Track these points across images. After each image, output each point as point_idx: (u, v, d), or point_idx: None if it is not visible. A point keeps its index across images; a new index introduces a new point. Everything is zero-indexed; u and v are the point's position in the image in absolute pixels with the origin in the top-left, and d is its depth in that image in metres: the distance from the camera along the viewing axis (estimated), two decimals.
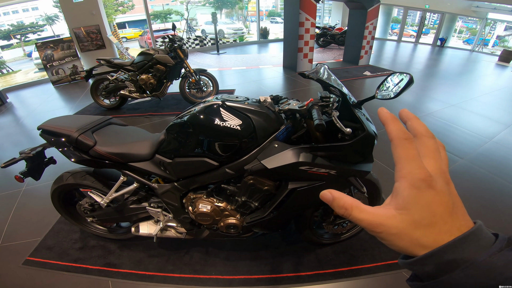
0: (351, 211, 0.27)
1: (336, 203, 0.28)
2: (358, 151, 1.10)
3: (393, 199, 0.27)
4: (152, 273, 1.60)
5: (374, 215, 0.26)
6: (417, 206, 0.25)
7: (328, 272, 1.58)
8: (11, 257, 1.76)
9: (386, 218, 0.26)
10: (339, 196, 0.28)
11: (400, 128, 0.28)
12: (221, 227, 1.36)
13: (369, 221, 0.26)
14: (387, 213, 0.26)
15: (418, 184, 0.25)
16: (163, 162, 1.27)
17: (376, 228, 0.26)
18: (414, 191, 0.25)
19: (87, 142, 1.29)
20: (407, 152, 0.26)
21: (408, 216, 0.25)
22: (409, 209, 0.25)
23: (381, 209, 0.27)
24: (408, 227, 0.25)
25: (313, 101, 1.07)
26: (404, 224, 0.25)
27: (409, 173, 0.26)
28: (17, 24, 14.39)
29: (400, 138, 0.27)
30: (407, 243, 0.25)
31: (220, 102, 1.15)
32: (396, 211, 0.26)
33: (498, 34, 14.87)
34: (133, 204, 1.46)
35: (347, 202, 0.28)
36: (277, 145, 1.13)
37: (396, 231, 0.25)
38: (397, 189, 0.27)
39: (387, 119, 0.29)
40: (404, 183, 0.26)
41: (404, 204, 0.26)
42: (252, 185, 1.19)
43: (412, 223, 0.25)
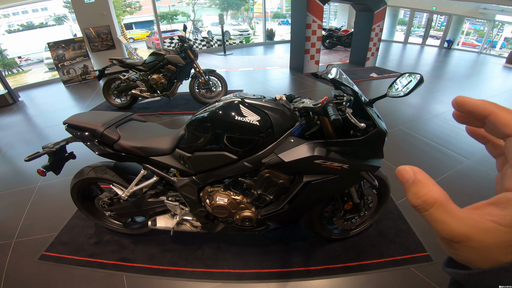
0: (431, 207, 0.21)
1: (414, 188, 0.21)
2: (369, 147, 1.17)
3: (495, 208, 0.20)
4: (165, 267, 1.65)
5: (461, 221, 0.20)
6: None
7: (337, 267, 1.62)
8: (26, 252, 1.79)
9: (476, 230, 0.20)
10: (423, 179, 0.22)
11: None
12: (236, 220, 1.41)
13: (450, 227, 0.20)
14: (479, 224, 0.20)
15: None
16: (182, 156, 1.33)
17: (456, 238, 0.20)
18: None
19: (112, 136, 1.37)
20: None
21: (509, 234, 0.19)
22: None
23: (473, 215, 0.20)
24: (498, 244, 0.19)
25: (328, 99, 1.13)
26: (495, 240, 0.19)
27: None
28: (26, 24, 14.68)
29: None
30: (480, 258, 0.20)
31: (239, 99, 1.22)
32: (494, 225, 0.19)
33: (506, 36, 14.73)
34: (151, 198, 1.52)
35: (432, 193, 0.21)
36: (292, 140, 1.19)
37: (480, 245, 0.20)
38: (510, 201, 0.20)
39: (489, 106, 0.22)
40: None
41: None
42: (268, 178, 1.25)
43: (506, 241, 0.19)
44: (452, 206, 0.21)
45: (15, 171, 2.83)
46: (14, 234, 1.96)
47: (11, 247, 1.85)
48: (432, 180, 0.22)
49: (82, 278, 1.62)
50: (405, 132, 3.38)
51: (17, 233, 1.97)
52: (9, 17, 14.57)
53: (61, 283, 1.60)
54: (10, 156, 3.11)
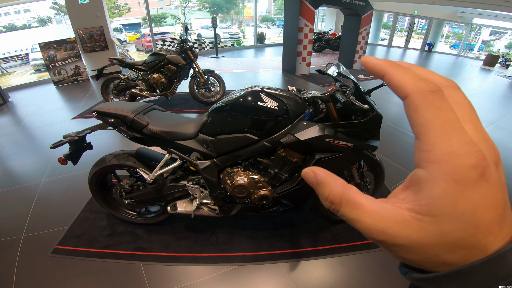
0: (340, 206, 0.19)
1: (321, 190, 0.20)
2: (368, 129, 1.39)
3: (410, 194, 0.18)
4: (181, 254, 1.72)
5: (375, 216, 0.18)
6: (453, 213, 0.16)
7: (344, 246, 1.76)
8: (37, 247, 1.79)
9: (394, 223, 0.17)
10: (325, 180, 0.20)
11: (417, 76, 0.18)
12: (254, 199, 1.54)
13: (365, 224, 0.18)
14: (395, 216, 0.18)
15: (464, 175, 0.16)
16: (206, 140, 1.48)
17: (376, 235, 0.18)
18: (454, 190, 0.16)
19: (142, 122, 1.48)
20: (441, 115, 0.17)
21: (433, 225, 0.16)
22: (437, 216, 0.16)
23: (387, 207, 0.18)
24: (428, 240, 0.17)
25: (335, 88, 1.36)
26: (422, 234, 0.17)
27: (448, 155, 0.16)
28: (8, 26, 14.21)
29: (423, 91, 0.17)
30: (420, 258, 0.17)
31: (259, 89, 1.41)
32: (412, 215, 0.17)
33: (483, 39, 15.67)
34: (172, 183, 1.61)
35: (334, 192, 0.19)
36: (305, 123, 1.40)
37: (406, 242, 0.17)
38: (421, 181, 0.17)
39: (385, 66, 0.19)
40: (437, 173, 0.16)
41: (430, 208, 0.17)
42: (284, 157, 1.42)
43: (437, 235, 0.16)
44: (361, 199, 0.18)
45: (11, 171, 2.80)
46: (22, 230, 1.94)
47: (20, 243, 1.84)
48: (332, 176, 0.20)
49: (99, 269, 1.64)
50: (393, 128, 3.64)
51: (25, 229, 1.95)
52: None
53: (78, 276, 1.60)
54: (5, 155, 3.07)
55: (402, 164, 2.78)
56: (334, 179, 0.19)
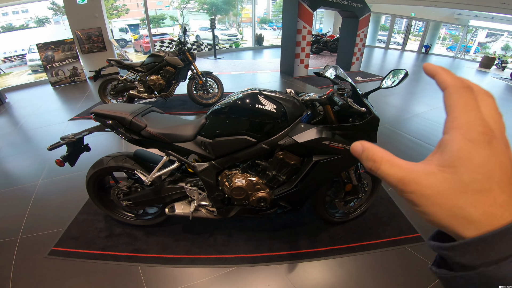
0: (380, 164, 0.23)
1: (365, 154, 0.24)
2: (365, 131, 1.40)
3: (437, 154, 0.22)
4: (179, 255, 1.71)
5: (408, 170, 0.22)
6: (468, 164, 0.20)
7: (342, 248, 1.77)
8: (34, 248, 1.77)
9: (423, 174, 0.21)
10: (369, 147, 0.24)
11: (456, 77, 0.24)
12: (252, 201, 1.54)
13: (399, 176, 0.22)
14: (425, 169, 0.21)
15: (476, 137, 0.20)
16: (204, 142, 1.48)
17: (408, 185, 0.21)
18: (469, 146, 0.20)
19: (140, 123, 1.48)
20: (465, 100, 0.22)
21: (455, 175, 0.20)
22: (457, 167, 0.20)
23: (420, 164, 0.22)
24: (451, 189, 0.20)
25: (332, 91, 1.36)
26: (446, 184, 0.20)
27: (465, 123, 0.21)
28: (6, 26, 14.16)
29: (457, 86, 0.23)
30: (446, 212, 0.20)
31: (257, 91, 1.41)
32: (438, 168, 0.21)
33: (480, 41, 15.81)
34: (170, 185, 1.61)
35: (377, 153, 0.24)
36: (303, 125, 1.41)
37: (433, 192, 0.20)
38: (445, 142, 0.21)
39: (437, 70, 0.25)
40: (456, 135, 0.21)
41: (451, 161, 0.20)
42: (282, 159, 1.43)
43: (458, 185, 0.20)
44: (398, 160, 0.23)
45: (7, 172, 2.78)
46: (18, 231, 1.92)
47: (16, 244, 1.82)
48: (377, 146, 0.25)
49: (97, 271, 1.63)
50: (390, 130, 3.66)
51: (21, 230, 1.94)
52: None
53: (76, 277, 1.59)
54: (2, 157, 3.05)
55: None
56: (377, 147, 0.24)
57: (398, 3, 11.69)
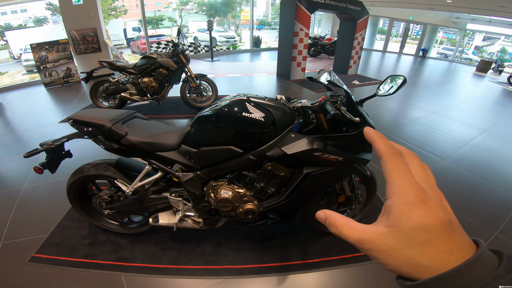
0: (342, 229, 0.27)
1: (328, 221, 0.29)
2: (360, 141, 1.31)
3: (384, 217, 0.26)
4: (165, 265, 1.65)
5: (363, 232, 0.26)
6: (409, 223, 0.24)
7: (333, 259, 1.70)
8: (15, 254, 1.72)
9: (376, 235, 0.25)
10: (331, 215, 0.29)
11: (388, 144, 0.28)
12: (239, 213, 1.47)
13: (358, 237, 0.26)
14: (377, 230, 0.25)
15: (411, 200, 0.24)
16: (188, 151, 1.39)
17: (365, 244, 0.26)
18: (407, 208, 0.24)
19: (120, 131, 1.39)
20: (398, 167, 0.26)
21: (400, 233, 0.24)
22: (400, 227, 0.24)
23: (372, 226, 0.26)
24: (399, 244, 0.24)
25: (325, 98, 1.26)
26: (394, 241, 0.24)
27: (401, 189, 0.25)
28: (4, 26, 14.06)
29: (389, 153, 0.27)
30: (399, 262, 0.24)
31: (245, 98, 1.32)
32: (387, 228, 0.25)
33: (476, 45, 15.88)
34: (154, 195, 1.54)
35: (338, 220, 0.28)
36: (293, 135, 1.31)
37: (386, 248, 0.24)
38: (388, 207, 0.26)
39: (374, 136, 0.29)
40: (396, 200, 0.25)
41: (395, 222, 0.24)
42: (270, 171, 1.34)
43: (403, 240, 0.24)
44: (357, 224, 0.27)
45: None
46: (0, 237, 1.86)
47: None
48: (337, 214, 0.29)
49: (78, 279, 1.58)
50: (386, 135, 3.52)
51: (3, 236, 1.88)
52: None
53: (56, 285, 1.54)
54: None
55: None
56: (337, 214, 0.29)
57: (396, 6, 11.72)
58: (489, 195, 2.52)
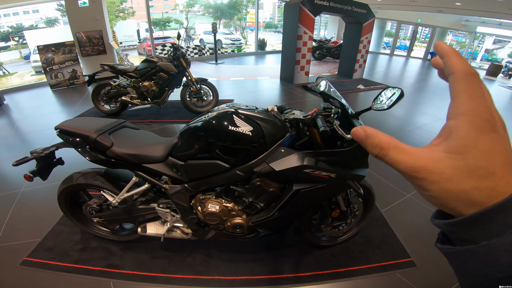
0: (388, 151, 0.24)
1: (370, 141, 0.25)
2: (355, 157, 1.22)
3: (443, 140, 0.23)
4: (154, 274, 1.63)
5: (417, 156, 0.23)
6: (475, 150, 0.21)
7: (326, 273, 1.65)
8: (8, 257, 1.74)
9: (432, 161, 0.22)
10: (374, 133, 0.25)
11: (466, 62, 0.24)
12: (227, 227, 1.43)
13: (409, 163, 0.23)
14: (433, 156, 0.22)
15: (482, 125, 0.21)
16: (175, 164, 1.35)
17: (418, 172, 0.22)
18: (475, 133, 0.21)
19: (105, 143, 1.37)
20: (472, 87, 0.22)
21: (462, 161, 0.21)
22: (464, 154, 0.21)
23: (426, 150, 0.23)
24: (458, 175, 0.21)
25: (317, 111, 1.19)
26: (454, 171, 0.21)
27: (471, 110, 0.21)
28: (16, 26, 14.40)
29: (466, 72, 0.23)
30: (453, 196, 0.21)
31: (233, 110, 1.27)
32: (445, 154, 0.22)
33: (487, 48, 15.52)
34: (142, 205, 1.52)
35: (383, 140, 0.24)
36: (283, 150, 1.23)
37: (441, 178, 0.22)
38: (451, 128, 0.22)
39: (448, 51, 0.24)
40: (463, 121, 0.22)
41: (458, 147, 0.21)
42: (259, 186, 1.28)
43: (465, 171, 0.21)
44: (406, 146, 0.24)
45: None
46: None
47: None
48: (381, 132, 0.25)
49: (67, 284, 1.58)
50: None
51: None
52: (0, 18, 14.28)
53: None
54: None
55: (398, 184, 2.57)
56: (382, 133, 0.25)
57: (404, 9, 11.56)
58: None
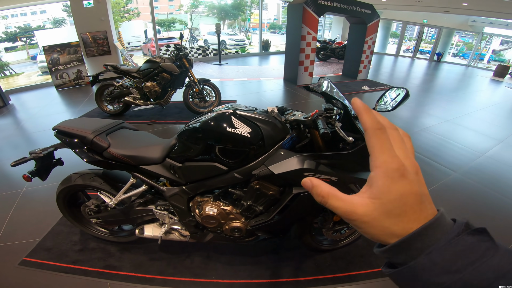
0: (328, 199, 0.28)
1: (314, 190, 0.29)
2: (357, 160, 1.17)
3: (368, 188, 0.28)
4: (152, 276, 1.62)
5: (349, 203, 0.27)
6: (389, 195, 0.26)
7: (327, 278, 1.61)
8: (7, 257, 1.75)
9: (360, 206, 0.27)
10: (318, 184, 0.29)
11: (373, 118, 0.28)
12: (225, 230, 1.40)
13: (344, 208, 0.27)
14: (361, 202, 0.27)
15: (392, 174, 0.26)
16: (173, 166, 1.33)
17: (350, 215, 0.27)
18: (388, 181, 0.26)
19: (102, 144, 1.35)
20: (381, 142, 0.27)
21: (381, 205, 0.26)
22: (381, 198, 0.26)
23: (356, 197, 0.28)
24: (380, 215, 0.26)
25: (318, 112, 1.15)
26: (376, 212, 0.26)
27: (383, 162, 0.26)
28: (24, 27, 14.58)
29: (374, 128, 0.28)
30: (378, 231, 0.26)
31: (231, 111, 1.23)
32: (369, 200, 0.27)
33: (494, 49, 15.24)
34: (140, 207, 1.50)
35: (324, 190, 0.29)
36: (283, 152, 1.19)
37: (368, 219, 0.26)
38: (372, 179, 0.27)
39: (361, 109, 0.29)
40: (379, 173, 0.27)
41: (377, 194, 0.26)
42: (258, 189, 1.25)
43: (384, 212, 0.26)
44: (342, 195, 0.28)
45: (0, 176, 2.76)
46: None
47: None
48: (324, 183, 0.29)
49: (65, 285, 1.58)
50: None
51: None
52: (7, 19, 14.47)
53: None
54: None
55: None
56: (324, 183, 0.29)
57: (410, 9, 11.43)
58: (505, 211, 2.32)
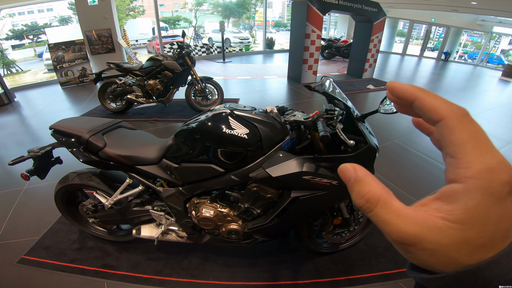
0: (375, 206, 0.19)
1: (358, 187, 0.20)
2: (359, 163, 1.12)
3: (444, 205, 0.19)
4: (149, 276, 1.61)
5: (408, 221, 0.18)
6: (483, 222, 0.17)
7: (326, 281, 1.58)
8: (6, 255, 1.76)
9: (426, 229, 0.18)
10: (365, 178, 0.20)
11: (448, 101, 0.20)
12: (222, 232, 1.37)
13: (397, 227, 0.19)
14: (428, 222, 0.18)
15: (498, 189, 0.17)
16: (169, 166, 1.31)
17: (406, 239, 0.18)
18: (489, 201, 0.17)
19: (97, 143, 1.34)
20: (474, 136, 0.18)
21: (462, 232, 0.17)
22: (468, 225, 0.17)
23: (421, 214, 0.19)
24: (454, 244, 0.18)
25: (318, 113, 1.11)
26: (449, 240, 0.18)
27: (487, 170, 0.17)
28: (31, 25, 14.77)
29: (458, 114, 0.19)
30: (439, 262, 0.18)
31: (228, 111, 1.20)
32: (445, 223, 0.18)
33: (503, 48, 14.93)
34: (136, 207, 1.49)
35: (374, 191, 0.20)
36: (281, 154, 1.16)
37: (434, 246, 0.18)
38: (458, 194, 0.18)
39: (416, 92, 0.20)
40: (476, 188, 0.17)
41: (464, 218, 0.17)
42: (255, 192, 1.21)
43: (463, 241, 0.18)
44: (397, 204, 0.19)
45: (2, 173, 2.78)
46: None
47: None
48: (373, 177, 0.20)
49: (62, 283, 1.58)
50: (400, 146, 3.34)
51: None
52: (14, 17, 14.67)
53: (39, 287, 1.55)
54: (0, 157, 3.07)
55: (406, 189, 2.46)
56: (374, 179, 0.20)
57: (417, 8, 11.23)
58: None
